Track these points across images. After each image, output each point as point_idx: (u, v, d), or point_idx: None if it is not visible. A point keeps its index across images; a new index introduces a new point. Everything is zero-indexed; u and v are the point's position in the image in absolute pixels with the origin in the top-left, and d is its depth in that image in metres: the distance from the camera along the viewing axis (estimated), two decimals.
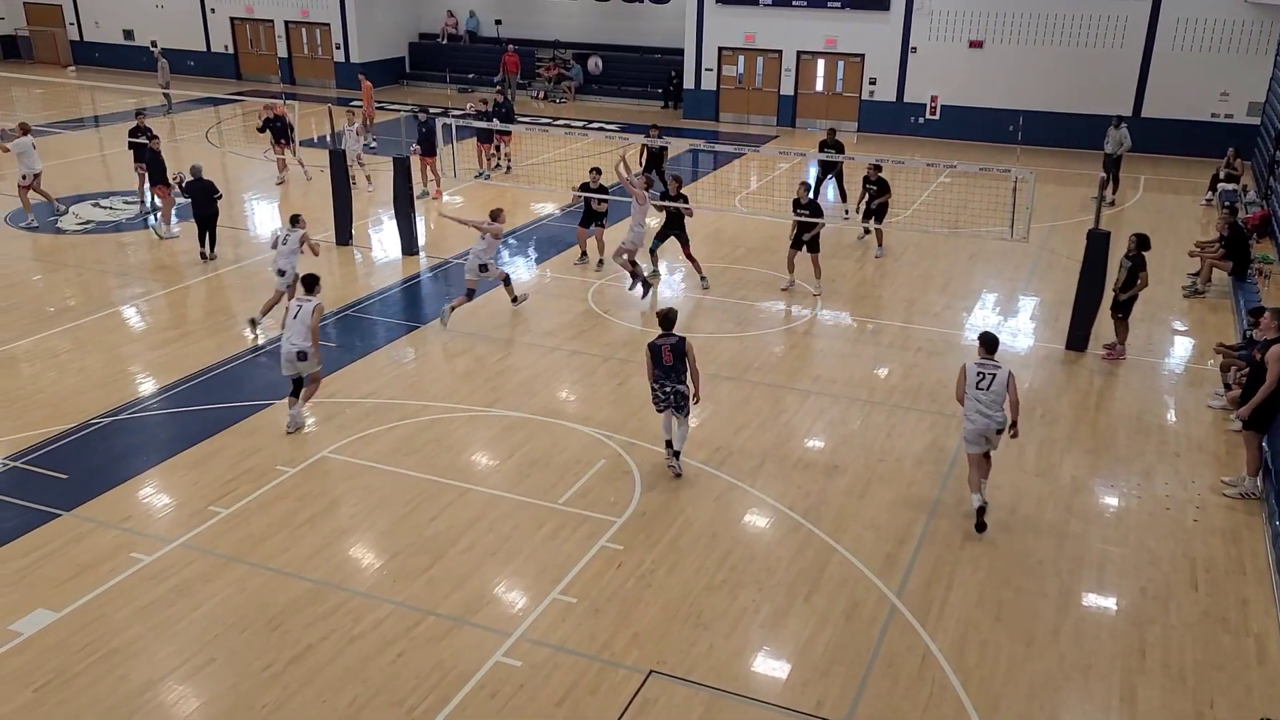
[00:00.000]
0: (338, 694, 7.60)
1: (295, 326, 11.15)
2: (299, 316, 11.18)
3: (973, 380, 9.66)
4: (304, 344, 11.13)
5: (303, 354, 11.18)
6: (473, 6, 36.31)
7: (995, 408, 9.55)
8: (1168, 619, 8.60)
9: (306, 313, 11.18)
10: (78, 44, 38.95)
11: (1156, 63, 25.89)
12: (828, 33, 28.80)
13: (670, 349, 10.30)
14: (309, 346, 11.17)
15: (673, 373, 10.29)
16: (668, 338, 10.38)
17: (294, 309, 11.26)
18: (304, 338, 11.11)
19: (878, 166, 17.49)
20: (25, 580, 8.81)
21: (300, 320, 11.16)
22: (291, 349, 11.15)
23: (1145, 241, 13.47)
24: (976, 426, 9.60)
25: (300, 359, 11.21)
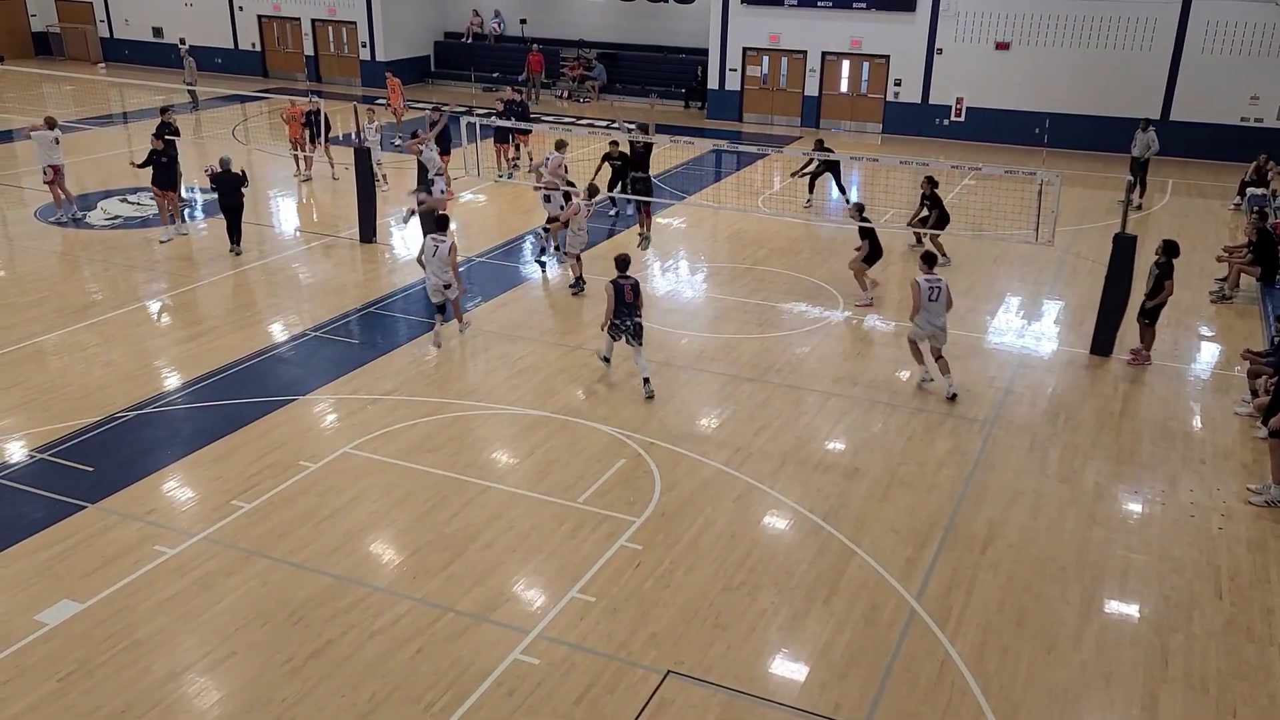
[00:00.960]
0: (356, 689, 7.64)
1: (435, 263, 13.33)
2: (437, 254, 13.32)
3: (926, 293, 12.19)
4: (446, 276, 13.34)
5: (448, 284, 13.41)
6: (498, 5, 36.42)
7: (939, 314, 12.31)
8: (1191, 627, 8.53)
9: (444, 251, 13.30)
10: (108, 41, 39.38)
11: (1186, 65, 25.64)
12: (853, 34, 28.69)
13: (631, 288, 12.22)
14: (449, 277, 13.38)
15: (634, 308, 12.21)
16: (627, 278, 12.32)
17: (430, 248, 13.35)
18: (444, 270, 13.31)
19: (933, 182, 17.34)
20: (51, 571, 8.92)
21: (439, 258, 13.30)
22: (438, 281, 13.41)
23: (1173, 248, 13.34)
24: (927, 330, 12.38)
25: (447, 288, 13.45)
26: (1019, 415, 12.17)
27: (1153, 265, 13.42)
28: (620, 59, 34.55)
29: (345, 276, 16.65)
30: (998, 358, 13.88)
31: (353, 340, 14.10)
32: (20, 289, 15.68)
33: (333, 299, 15.55)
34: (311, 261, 17.33)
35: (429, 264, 13.42)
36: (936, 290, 12.24)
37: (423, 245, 13.59)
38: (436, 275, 13.37)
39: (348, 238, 18.45)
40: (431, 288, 13.56)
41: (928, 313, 12.27)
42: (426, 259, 13.45)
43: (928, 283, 12.25)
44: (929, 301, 12.21)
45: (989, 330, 14.84)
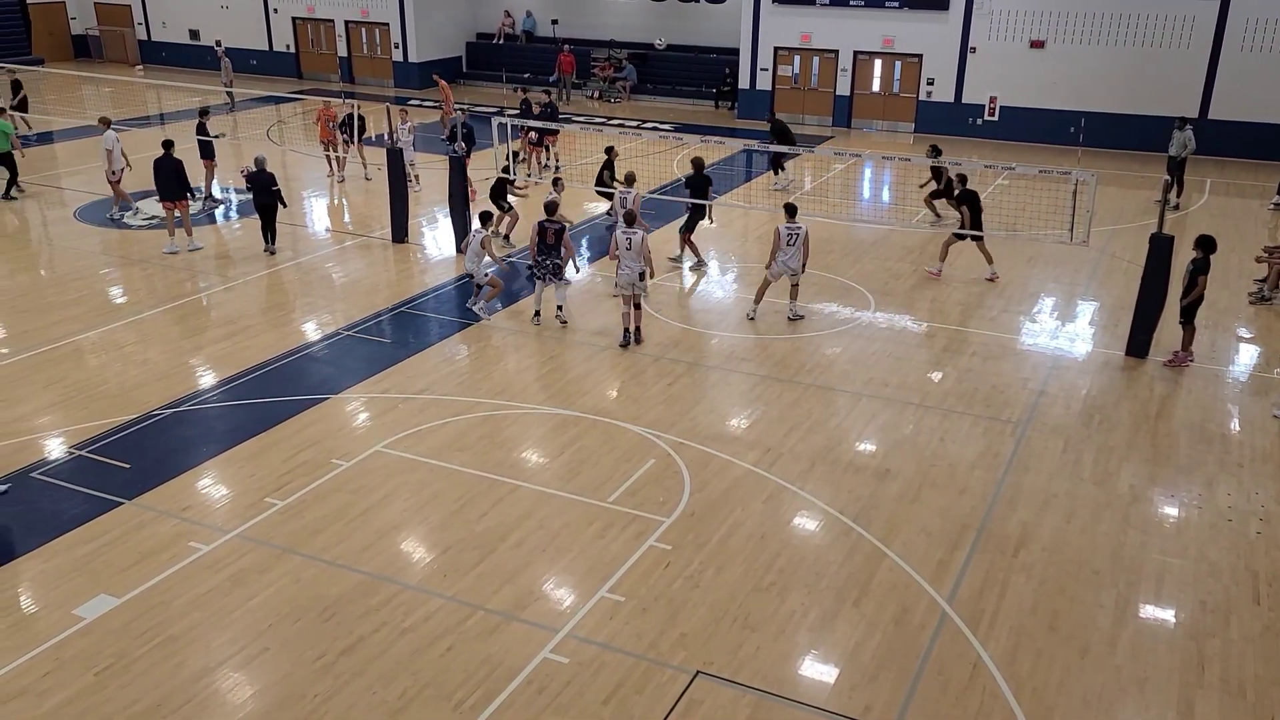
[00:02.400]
0: (388, 686, 7.70)
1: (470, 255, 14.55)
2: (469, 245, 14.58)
3: (785, 238, 14.20)
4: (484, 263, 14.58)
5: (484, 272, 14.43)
6: (530, 6, 36.55)
7: (795, 258, 14.29)
8: (1228, 633, 8.40)
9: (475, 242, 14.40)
10: (145, 43, 39.92)
11: (1224, 64, 25.23)
12: (885, 33, 28.51)
13: (554, 232, 13.87)
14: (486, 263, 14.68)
15: (552, 250, 13.92)
16: (553, 222, 13.95)
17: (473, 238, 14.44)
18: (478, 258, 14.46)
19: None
20: (89, 566, 9.06)
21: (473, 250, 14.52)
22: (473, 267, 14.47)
23: (1209, 244, 13.14)
24: (783, 270, 14.45)
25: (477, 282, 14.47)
26: (1053, 417, 12.05)
27: (1189, 262, 13.24)
28: (651, 59, 34.55)
29: (378, 276, 16.78)
30: (1031, 359, 13.74)
31: (384, 339, 14.20)
32: (60, 288, 15.94)
33: (365, 298, 15.68)
34: (344, 261, 17.48)
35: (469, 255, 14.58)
36: (794, 236, 14.23)
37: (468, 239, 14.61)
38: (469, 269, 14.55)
39: (380, 237, 18.59)
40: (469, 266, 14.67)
41: (784, 255, 14.29)
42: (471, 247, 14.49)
43: (788, 230, 14.23)
44: (787, 245, 14.24)
45: (1022, 331, 14.70)
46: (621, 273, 13.50)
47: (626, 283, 13.49)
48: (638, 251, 13.38)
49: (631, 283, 13.48)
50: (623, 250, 13.44)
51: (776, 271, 14.47)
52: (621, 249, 13.45)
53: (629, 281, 13.46)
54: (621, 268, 13.48)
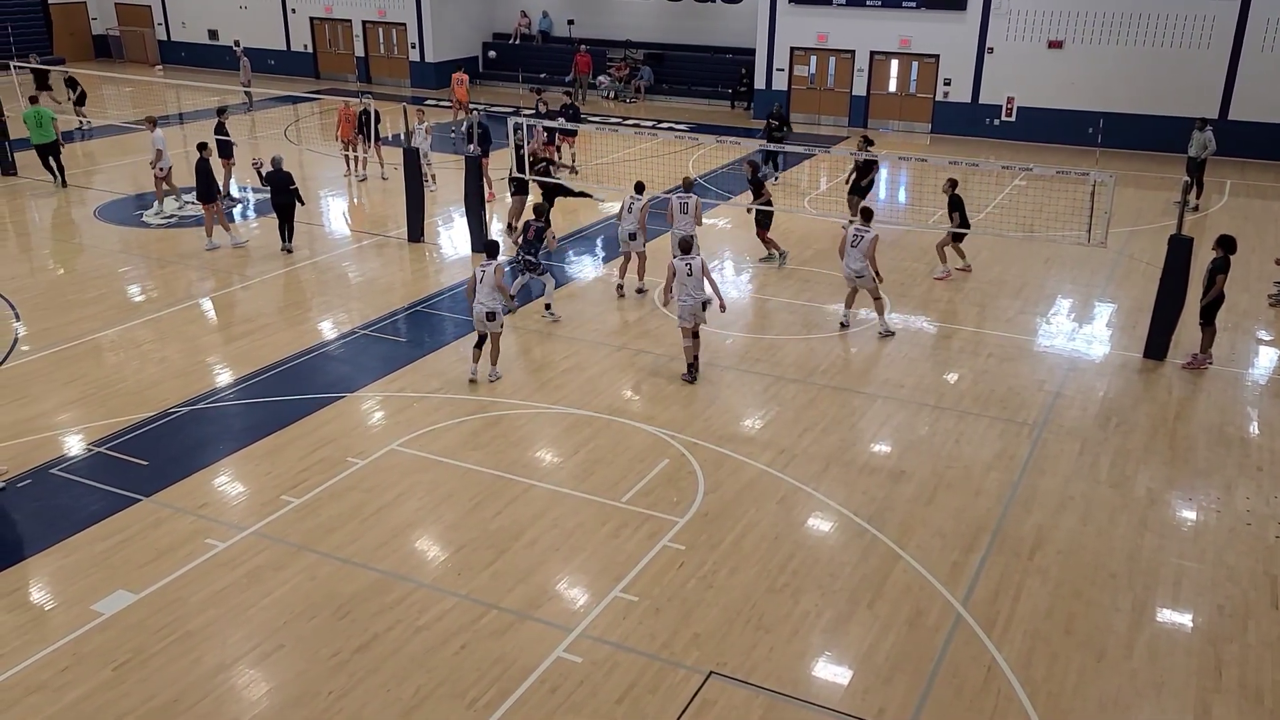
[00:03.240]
0: (401, 683, 7.73)
1: (483, 289, 12.38)
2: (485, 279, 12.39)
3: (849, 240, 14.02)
4: (493, 303, 12.34)
5: (492, 313, 12.37)
6: (546, 6, 36.60)
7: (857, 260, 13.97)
8: (1246, 638, 8.34)
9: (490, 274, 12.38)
10: (165, 44, 40.19)
11: (1245, 64, 25.04)
12: (902, 33, 28.42)
13: (535, 230, 14.48)
14: (496, 303, 12.41)
15: (529, 246, 14.44)
16: (535, 222, 14.59)
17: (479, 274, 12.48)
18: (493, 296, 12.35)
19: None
20: (107, 562, 9.13)
21: (487, 283, 12.36)
22: (482, 309, 12.37)
23: (1229, 244, 13.04)
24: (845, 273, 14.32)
25: (490, 317, 12.39)
26: (1069, 419, 11.99)
27: (1209, 262, 13.14)
28: (667, 59, 34.54)
29: (393, 275, 16.84)
30: (1048, 360, 13.67)
31: (400, 338, 14.26)
32: (79, 286, 16.07)
33: (381, 297, 15.74)
34: (361, 260, 17.55)
35: (479, 291, 12.40)
36: (860, 239, 13.97)
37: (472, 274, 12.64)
38: (482, 302, 12.34)
39: (396, 237, 18.66)
40: (476, 315, 12.49)
41: (847, 257, 14.10)
42: (477, 286, 12.44)
43: (855, 232, 14.05)
44: (850, 247, 13.95)
45: (1039, 333, 14.62)
46: (682, 302, 12.46)
47: (688, 313, 12.50)
48: (699, 279, 12.45)
49: (693, 312, 12.48)
50: (682, 278, 12.43)
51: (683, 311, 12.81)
52: (680, 276, 12.46)
53: (690, 311, 12.48)
54: (682, 297, 12.44)
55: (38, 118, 21.19)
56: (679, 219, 15.75)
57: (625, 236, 15.71)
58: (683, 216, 15.72)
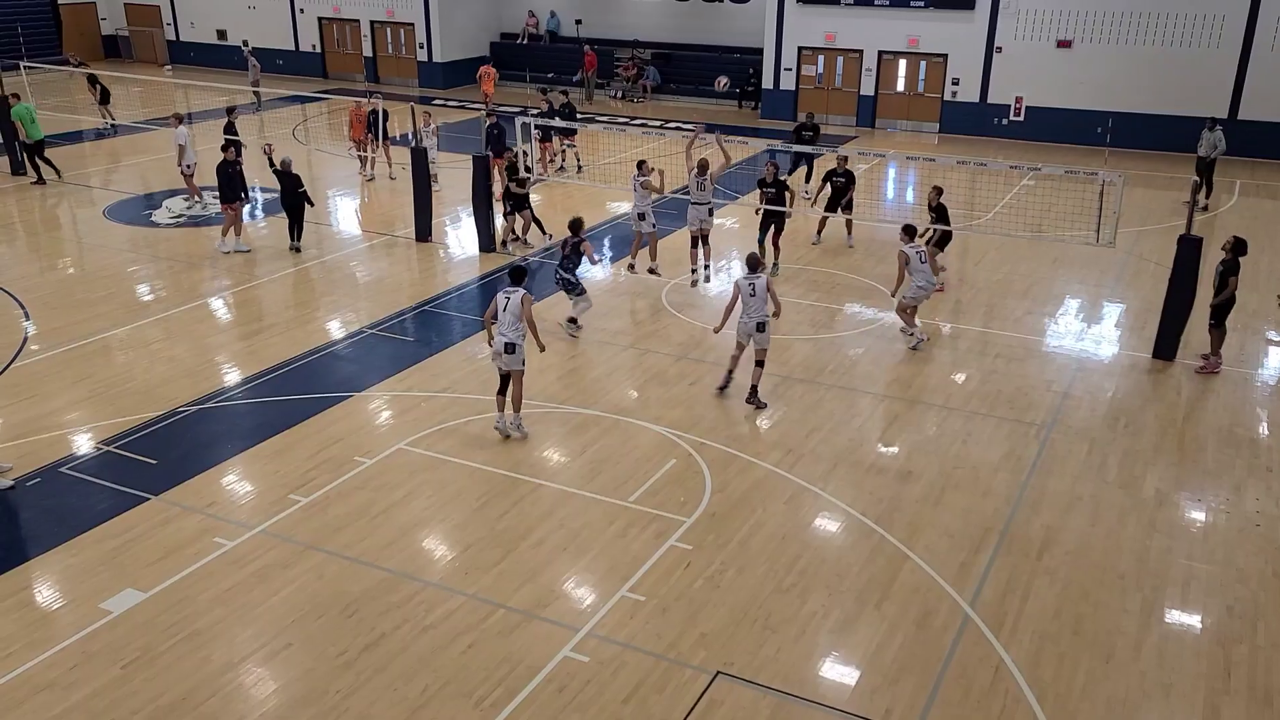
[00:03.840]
0: (409, 683, 7.74)
1: (506, 318, 10.96)
2: (509, 308, 10.96)
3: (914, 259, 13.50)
4: (515, 334, 10.96)
5: (512, 345, 10.94)
6: (553, 6, 36.62)
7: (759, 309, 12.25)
8: (1255, 639, 8.31)
9: (516, 303, 10.95)
10: (174, 44, 40.32)
11: (1255, 63, 24.93)
12: (910, 32, 28.37)
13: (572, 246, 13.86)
14: (518, 334, 10.98)
15: (562, 262, 13.99)
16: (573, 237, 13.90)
17: (501, 301, 11.04)
18: (516, 327, 10.96)
19: (844, 158, 17.56)
20: (116, 560, 9.16)
21: (511, 312, 10.96)
22: (501, 340, 10.95)
23: (1240, 246, 12.98)
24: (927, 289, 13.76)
25: (510, 350, 10.96)
26: (1078, 420, 11.95)
27: (1219, 263, 13.09)
28: (674, 59, 34.53)
29: (401, 275, 16.87)
30: (1056, 361, 13.64)
31: (408, 338, 14.28)
32: (88, 286, 16.12)
33: (389, 297, 15.77)
34: (369, 260, 17.58)
35: (500, 320, 11.01)
36: (922, 255, 13.59)
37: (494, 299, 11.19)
38: (503, 334, 10.95)
39: (404, 236, 18.69)
40: (495, 348, 11.06)
41: (917, 278, 13.55)
42: (498, 314, 11.03)
43: (915, 250, 13.61)
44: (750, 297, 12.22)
45: (1047, 333, 14.58)
46: (743, 323, 11.95)
47: (745, 333, 11.99)
48: (762, 299, 11.85)
49: (750, 333, 11.96)
50: (744, 297, 11.88)
51: (915, 295, 13.61)
52: (744, 295, 11.88)
53: (747, 332, 11.96)
54: (742, 317, 11.94)
55: (30, 114, 21.30)
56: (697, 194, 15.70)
57: (635, 216, 15.89)
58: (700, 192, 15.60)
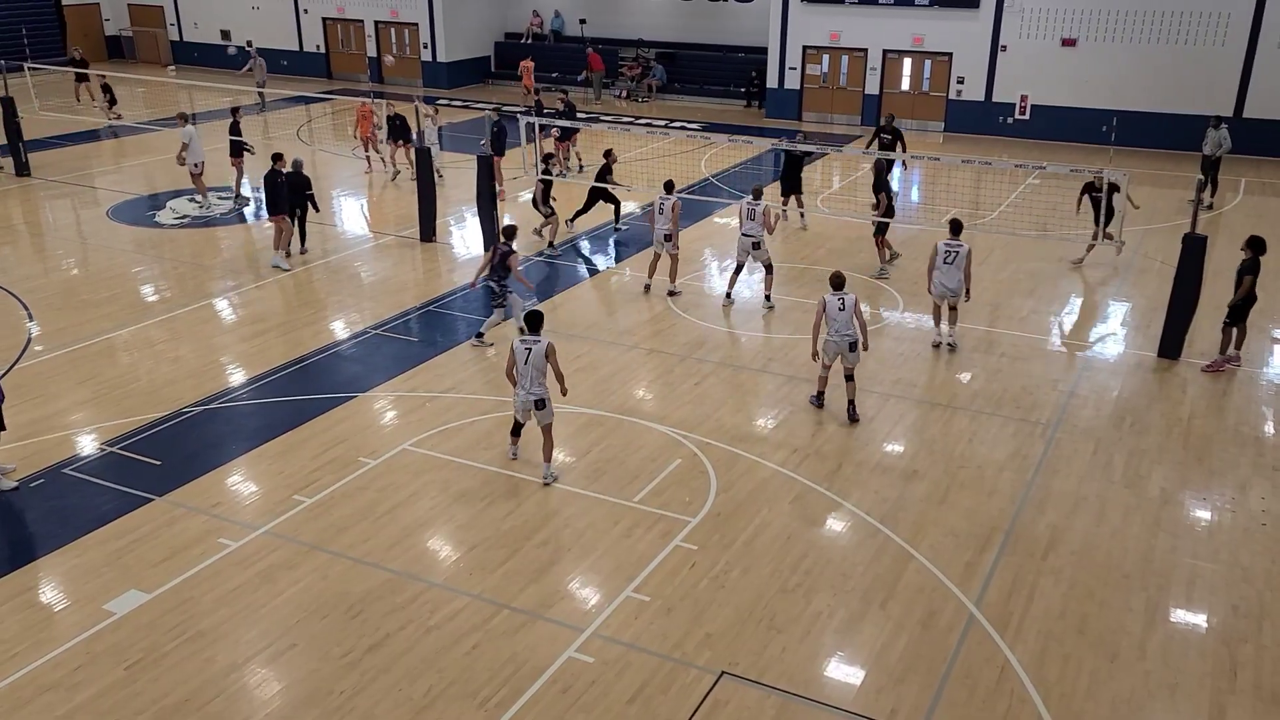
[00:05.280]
0: (413, 683, 7.74)
1: (530, 371, 10.08)
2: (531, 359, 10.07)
3: (942, 255, 13.37)
4: (540, 390, 10.15)
5: (541, 400, 10.17)
6: (558, 6, 36.62)
7: (952, 277, 13.35)
8: (1261, 638, 8.28)
9: (540, 353, 10.08)
10: (177, 44, 40.36)
11: (1260, 61, 24.85)
12: (915, 31, 28.32)
13: (502, 255, 13.51)
14: (544, 391, 10.18)
15: (493, 270, 13.56)
16: (502, 245, 13.56)
17: (522, 353, 10.10)
18: (540, 381, 10.13)
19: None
20: (120, 561, 9.17)
21: (534, 364, 10.07)
22: (528, 396, 10.15)
23: (1258, 245, 12.92)
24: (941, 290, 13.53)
25: (539, 405, 10.18)
26: (1083, 419, 11.92)
27: (1240, 263, 13.05)
28: (679, 58, 34.51)
29: (405, 275, 16.88)
30: (1061, 360, 13.61)
31: (412, 338, 14.28)
32: (93, 286, 16.15)
33: (393, 297, 15.77)
34: (373, 260, 17.59)
35: (521, 373, 10.18)
36: (953, 254, 13.39)
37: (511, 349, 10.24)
38: (530, 390, 10.14)
39: (409, 236, 18.69)
40: (520, 404, 10.33)
41: (939, 273, 13.42)
42: (518, 367, 10.18)
43: (946, 246, 13.42)
44: (944, 264, 13.27)
45: (1052, 332, 14.55)
46: (829, 341, 11.60)
47: (833, 352, 11.67)
48: (850, 315, 11.48)
49: (840, 352, 11.61)
50: (832, 314, 11.50)
51: (937, 293, 13.55)
52: (831, 313, 11.50)
53: (836, 351, 11.62)
54: (831, 335, 11.55)
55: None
56: (747, 224, 15.05)
57: (660, 238, 15.55)
58: (750, 223, 15.00)
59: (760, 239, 15.04)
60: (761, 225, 14.99)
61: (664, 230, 15.47)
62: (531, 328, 10.23)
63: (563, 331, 14.37)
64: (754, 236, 15.01)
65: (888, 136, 20.78)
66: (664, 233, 15.49)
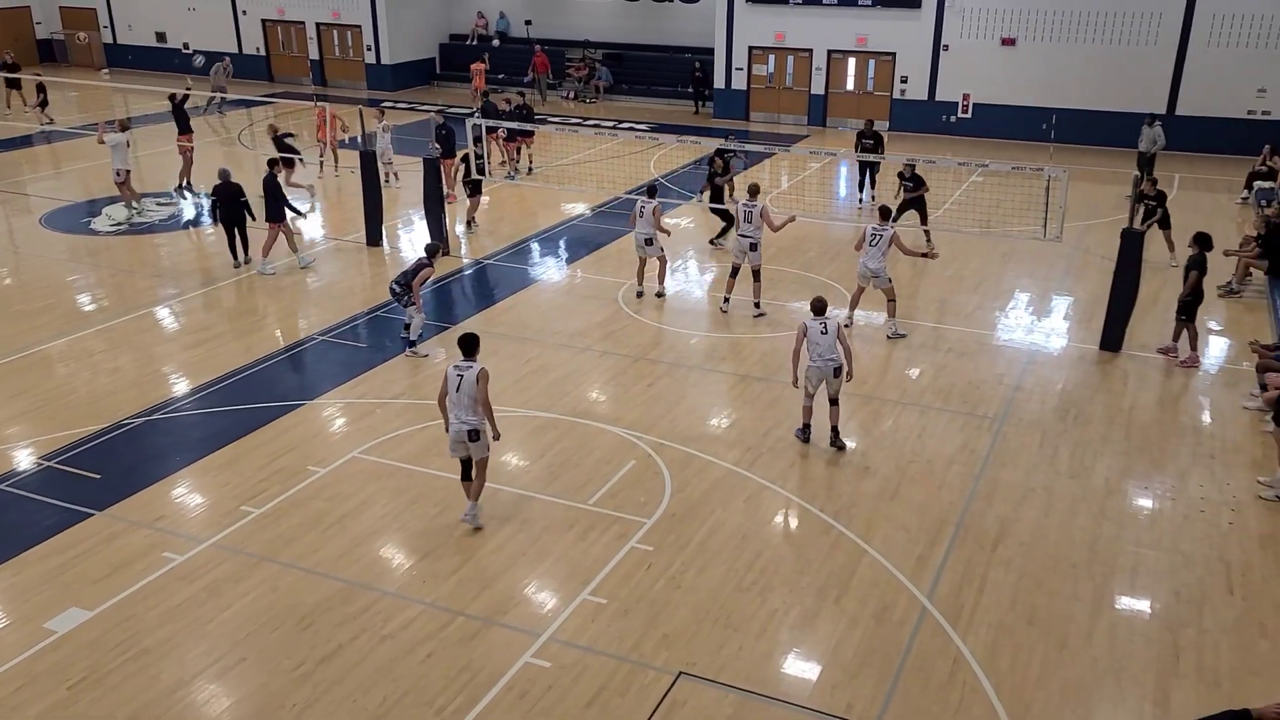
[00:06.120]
0: (368, 693, 7.63)
1: (462, 399, 9.29)
2: (462, 386, 9.27)
3: (868, 238, 13.80)
4: (474, 419, 9.32)
5: (476, 431, 9.35)
6: (503, 7, 36.42)
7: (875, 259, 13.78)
8: (1202, 623, 8.48)
9: (471, 380, 9.27)
10: (111, 47, 39.47)
11: (1191, 59, 25.51)
12: (858, 31, 28.63)
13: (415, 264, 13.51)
14: (479, 420, 9.34)
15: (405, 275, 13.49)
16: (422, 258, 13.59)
17: (454, 379, 9.31)
18: (473, 410, 9.30)
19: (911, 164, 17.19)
20: (59, 579, 8.93)
21: (466, 391, 9.27)
22: (461, 426, 9.34)
23: (1202, 240, 13.22)
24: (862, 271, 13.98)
25: (474, 437, 9.37)
26: (1029, 412, 12.13)
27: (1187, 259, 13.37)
28: (626, 59, 34.51)
29: (352, 280, 16.66)
30: (1007, 354, 13.83)
31: (360, 344, 14.10)
32: (26, 296, 15.72)
33: (340, 303, 15.56)
34: (319, 265, 17.32)
35: (453, 401, 9.36)
36: (878, 237, 13.74)
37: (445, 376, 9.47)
38: (462, 420, 9.33)
39: (354, 241, 18.46)
40: (453, 436, 9.46)
41: (864, 255, 13.83)
42: (450, 395, 9.36)
43: (873, 230, 13.79)
44: (869, 246, 13.76)
45: (998, 327, 14.78)
46: (812, 368, 10.86)
47: (817, 379, 10.93)
48: (833, 340, 10.81)
49: (824, 378, 10.91)
50: (814, 338, 10.80)
51: (859, 273, 13.90)
52: (813, 338, 10.81)
53: (819, 379, 10.92)
54: (813, 360, 10.86)
55: None
56: (744, 226, 14.72)
57: (641, 243, 15.39)
58: (747, 224, 14.70)
59: (758, 240, 14.64)
60: (759, 226, 14.60)
61: (645, 234, 15.34)
62: (466, 352, 9.41)
63: (514, 334, 14.29)
64: (752, 238, 14.66)
65: (869, 141, 20.87)
66: (645, 237, 15.36)
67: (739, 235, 14.94)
